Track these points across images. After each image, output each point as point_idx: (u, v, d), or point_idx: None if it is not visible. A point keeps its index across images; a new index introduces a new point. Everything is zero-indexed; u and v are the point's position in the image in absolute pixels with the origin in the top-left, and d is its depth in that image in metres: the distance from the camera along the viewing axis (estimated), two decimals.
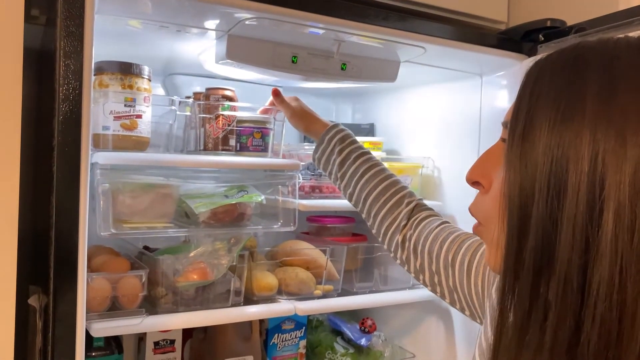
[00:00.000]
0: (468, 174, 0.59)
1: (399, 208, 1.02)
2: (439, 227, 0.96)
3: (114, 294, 1.07)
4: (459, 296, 0.89)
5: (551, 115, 0.47)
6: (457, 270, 0.88)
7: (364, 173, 1.06)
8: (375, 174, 1.06)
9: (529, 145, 0.48)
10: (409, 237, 0.99)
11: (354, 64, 1.18)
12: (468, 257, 0.87)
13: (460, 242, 0.90)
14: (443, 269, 0.91)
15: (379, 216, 1.03)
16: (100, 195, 1.04)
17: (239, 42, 1.06)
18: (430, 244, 0.94)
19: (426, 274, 0.95)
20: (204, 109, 1.21)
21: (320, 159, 1.14)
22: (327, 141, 1.12)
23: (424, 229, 0.97)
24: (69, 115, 0.81)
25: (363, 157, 1.08)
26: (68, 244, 0.83)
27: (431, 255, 0.93)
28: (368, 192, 1.05)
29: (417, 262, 0.97)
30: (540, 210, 0.46)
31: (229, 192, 1.23)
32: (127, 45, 1.20)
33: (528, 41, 1.23)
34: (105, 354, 1.22)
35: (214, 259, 1.17)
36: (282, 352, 1.47)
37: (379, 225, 1.04)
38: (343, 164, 1.09)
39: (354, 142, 1.12)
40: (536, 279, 0.47)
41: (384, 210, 1.02)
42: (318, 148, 1.15)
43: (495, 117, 1.34)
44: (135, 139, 1.09)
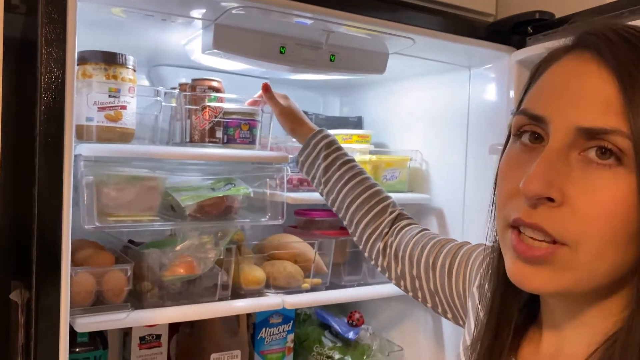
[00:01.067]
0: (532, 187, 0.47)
1: (382, 216, 1.02)
2: (420, 233, 0.97)
3: (99, 289, 1.05)
4: (440, 299, 0.88)
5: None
6: (438, 272, 0.88)
7: (348, 180, 1.07)
8: (360, 182, 1.06)
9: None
10: (390, 243, 0.99)
11: (342, 55, 1.17)
12: (449, 260, 0.87)
13: (441, 246, 0.91)
14: (424, 273, 0.91)
15: (362, 224, 1.04)
16: (84, 187, 1.02)
17: (226, 32, 1.04)
18: (411, 249, 0.95)
19: (407, 279, 0.95)
20: (190, 100, 1.19)
21: (304, 163, 1.15)
22: (313, 145, 1.13)
23: (405, 236, 0.98)
24: (52, 105, 0.79)
25: (348, 165, 1.09)
26: (51, 237, 0.81)
27: (412, 260, 0.94)
28: (352, 200, 1.05)
29: (398, 268, 0.97)
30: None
31: (216, 185, 1.21)
32: (110, 36, 1.17)
33: (517, 33, 1.23)
34: (90, 349, 1.20)
35: (201, 252, 1.16)
36: (270, 346, 1.46)
37: (360, 233, 1.05)
38: (327, 170, 1.09)
39: (340, 148, 1.12)
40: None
41: (367, 219, 1.03)
42: (303, 151, 1.15)
43: (483, 110, 1.34)
44: (119, 131, 1.06)
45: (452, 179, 1.41)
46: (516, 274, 0.51)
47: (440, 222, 1.45)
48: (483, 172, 1.32)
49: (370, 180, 1.08)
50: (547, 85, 0.51)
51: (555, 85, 0.50)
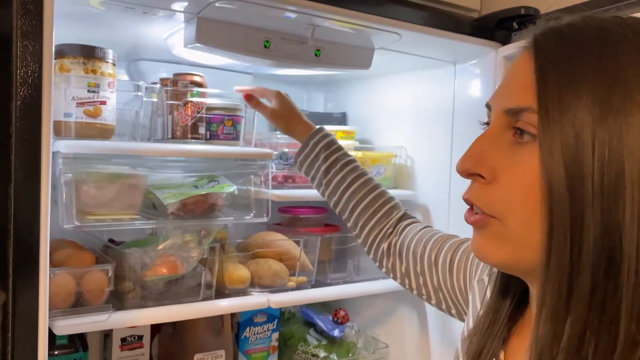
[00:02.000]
0: (462, 164, 0.54)
1: (387, 218, 1.02)
2: (422, 230, 0.97)
3: (79, 290, 1.01)
4: (444, 295, 0.89)
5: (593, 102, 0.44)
6: (440, 267, 0.88)
7: (351, 183, 1.05)
8: (363, 184, 1.05)
9: (571, 138, 0.44)
10: (394, 242, 0.99)
11: (328, 50, 1.15)
12: (450, 255, 0.88)
13: (443, 242, 0.91)
14: (427, 269, 0.91)
15: (367, 226, 1.03)
16: (63, 185, 0.99)
17: (209, 25, 1.02)
18: (414, 246, 0.95)
19: (412, 277, 0.95)
20: (172, 95, 1.16)
21: (303, 163, 1.12)
22: (312, 146, 1.10)
23: (408, 234, 0.98)
24: (28, 100, 0.76)
25: (350, 166, 1.07)
26: (29, 237, 0.78)
27: (415, 256, 0.94)
28: (356, 203, 1.04)
29: (403, 267, 0.97)
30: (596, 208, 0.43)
31: (199, 183, 1.18)
32: (87, 29, 1.13)
33: (502, 29, 1.23)
34: (69, 351, 1.17)
35: (184, 251, 1.13)
36: (254, 346, 1.44)
37: (366, 235, 1.04)
38: (329, 171, 1.07)
39: (340, 148, 1.10)
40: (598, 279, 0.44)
41: (373, 221, 1.02)
42: (301, 152, 1.12)
43: (468, 106, 1.34)
44: (99, 127, 1.03)
45: (437, 175, 1.41)
46: (471, 242, 0.56)
47: (425, 218, 1.44)
48: None
49: (374, 182, 1.06)
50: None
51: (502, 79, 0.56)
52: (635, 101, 0.43)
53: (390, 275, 1.01)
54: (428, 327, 1.44)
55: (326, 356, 1.47)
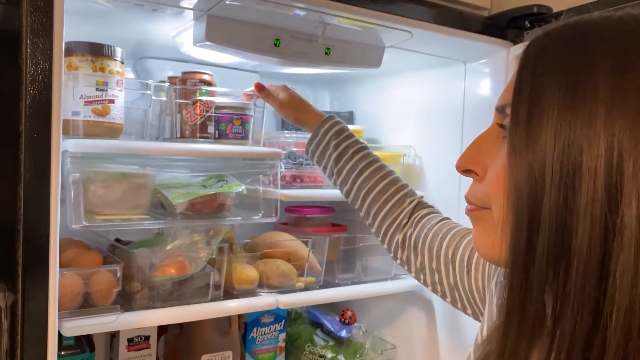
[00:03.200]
0: (458, 161, 0.56)
1: (400, 207, 0.98)
2: (439, 223, 0.94)
3: (86, 290, 1.00)
4: (460, 294, 0.86)
5: (560, 93, 0.44)
6: (457, 266, 0.86)
7: (362, 170, 1.02)
8: (375, 171, 1.02)
9: (535, 126, 0.44)
10: (409, 235, 0.96)
11: (338, 49, 1.14)
12: (468, 253, 0.85)
13: (460, 237, 0.88)
14: (443, 266, 0.89)
15: (380, 215, 1.00)
16: (71, 185, 0.97)
17: (219, 23, 1.01)
18: (430, 241, 0.92)
19: (427, 272, 0.92)
20: (181, 94, 1.15)
21: (315, 152, 1.10)
22: (322, 134, 1.08)
23: (424, 226, 0.94)
24: (38, 98, 0.75)
25: (361, 153, 1.04)
26: (38, 238, 0.77)
27: (431, 252, 0.91)
28: (367, 191, 1.01)
29: (418, 261, 0.94)
30: (553, 198, 0.43)
31: (207, 182, 1.17)
32: (95, 27, 1.12)
33: (514, 27, 1.21)
34: (76, 352, 1.16)
35: (192, 252, 1.12)
36: (262, 346, 1.43)
37: (379, 225, 1.01)
38: (339, 160, 1.05)
39: (350, 135, 1.07)
40: (550, 272, 0.43)
41: (385, 210, 0.99)
42: (312, 141, 1.10)
43: (479, 105, 1.32)
44: (107, 126, 1.02)
45: (447, 175, 1.39)
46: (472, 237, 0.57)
47: None
48: None
49: (386, 168, 1.04)
50: None
51: None
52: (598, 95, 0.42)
53: (405, 268, 0.98)
54: (437, 328, 1.43)
55: (333, 357, 1.46)
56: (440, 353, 1.42)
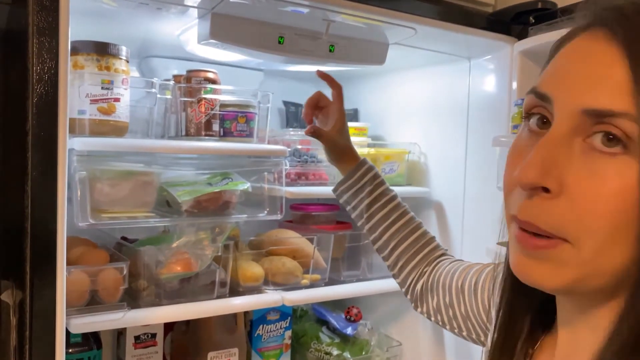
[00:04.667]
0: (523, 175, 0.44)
1: (426, 260, 1.00)
2: (453, 262, 0.95)
3: (93, 288, 1.01)
4: (472, 323, 0.86)
5: None
6: (467, 293, 0.86)
7: (394, 221, 1.03)
8: (406, 224, 1.02)
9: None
10: (426, 279, 0.97)
11: (342, 46, 1.14)
12: (475, 278, 0.85)
13: (469, 269, 0.89)
14: (455, 298, 0.89)
15: (407, 268, 1.01)
16: (77, 183, 0.98)
17: (224, 21, 1.01)
18: (443, 278, 0.93)
19: (442, 310, 0.92)
20: (186, 92, 1.15)
21: (344, 193, 1.08)
22: (357, 178, 1.06)
23: (439, 269, 0.96)
24: (45, 97, 0.75)
25: (393, 202, 1.05)
26: (46, 236, 0.77)
27: (444, 288, 0.92)
28: (397, 242, 1.01)
29: (434, 302, 0.94)
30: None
31: (213, 180, 1.18)
32: (100, 26, 1.12)
33: (518, 23, 1.21)
34: (84, 349, 1.17)
35: (198, 249, 1.13)
36: (267, 344, 1.43)
37: (405, 277, 1.02)
38: (371, 206, 1.05)
39: (383, 182, 1.07)
40: None
41: (413, 263, 1.00)
42: (344, 182, 1.08)
43: (483, 102, 1.32)
44: (113, 124, 1.03)
45: (452, 171, 1.39)
46: (517, 265, 0.48)
47: (439, 215, 1.43)
48: (484, 165, 1.31)
49: (416, 221, 1.04)
50: (557, 64, 0.48)
51: (564, 64, 0.47)
52: None
53: (425, 316, 0.98)
54: None
55: (339, 354, 1.46)
56: (446, 350, 1.42)
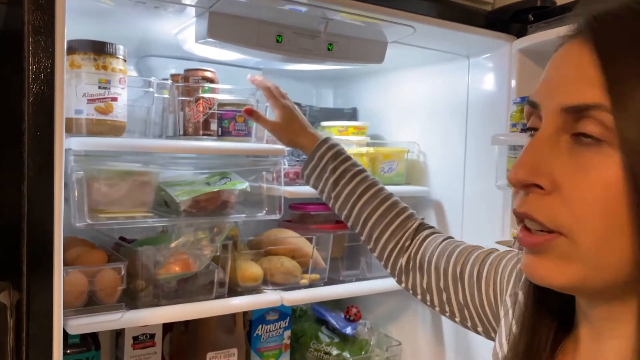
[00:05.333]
0: (514, 174, 0.47)
1: (402, 229, 0.95)
2: (444, 242, 0.90)
3: (91, 288, 1.01)
4: (470, 312, 0.82)
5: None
6: (467, 282, 0.82)
7: (361, 194, 0.99)
8: (374, 194, 0.98)
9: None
10: (413, 256, 0.93)
11: (340, 44, 1.14)
12: (477, 268, 0.81)
13: (467, 254, 0.85)
14: (452, 284, 0.85)
15: (382, 240, 0.96)
16: (74, 183, 0.97)
17: (222, 20, 1.00)
18: (436, 260, 0.88)
19: (434, 292, 0.88)
20: (183, 91, 1.15)
21: (310, 177, 1.05)
22: (318, 158, 1.03)
23: (429, 246, 0.91)
24: (41, 96, 0.75)
25: (359, 176, 1.01)
26: (42, 236, 0.77)
27: (438, 270, 0.88)
28: (368, 215, 0.97)
29: (424, 282, 0.90)
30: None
31: (211, 180, 1.17)
32: (97, 25, 1.12)
33: (517, 22, 1.21)
34: (82, 350, 1.16)
35: (197, 249, 1.12)
36: (267, 344, 1.43)
37: (381, 249, 0.97)
38: (337, 184, 1.01)
39: (348, 158, 1.03)
40: None
41: (388, 233, 0.96)
42: (308, 165, 1.05)
43: (483, 100, 1.32)
44: (110, 124, 1.02)
45: (451, 170, 1.39)
46: (524, 265, 0.49)
47: (439, 215, 1.43)
48: (483, 164, 1.30)
49: (385, 191, 1.00)
50: (544, 73, 0.51)
51: (547, 72, 0.50)
52: None
53: (410, 292, 0.94)
54: (442, 324, 1.43)
55: (339, 354, 1.46)
56: (446, 349, 1.42)
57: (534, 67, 1.21)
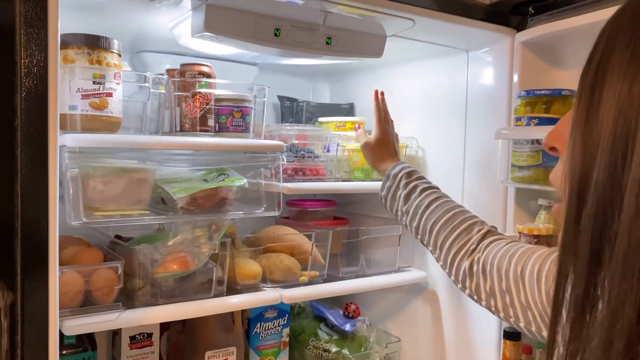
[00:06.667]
0: (545, 138, 0.53)
1: (468, 235, 0.95)
2: (508, 244, 0.89)
3: (87, 288, 0.98)
4: (533, 313, 0.81)
5: (624, 59, 0.40)
6: (527, 281, 0.81)
7: (429, 204, 1.01)
8: (442, 204, 1.00)
9: (597, 98, 0.41)
10: (477, 260, 0.92)
11: (339, 38, 1.12)
12: (537, 266, 0.80)
13: (530, 253, 0.83)
14: (513, 284, 0.83)
15: (446, 245, 0.96)
16: (69, 181, 0.95)
17: (218, 13, 0.98)
18: (498, 262, 0.87)
19: (497, 296, 0.87)
20: (180, 86, 1.13)
21: (387, 197, 1.11)
22: (393, 177, 1.10)
23: (492, 249, 0.90)
24: (34, 91, 0.72)
25: (429, 190, 1.04)
26: (37, 235, 0.75)
27: (500, 272, 0.86)
28: (434, 222, 0.99)
29: (487, 285, 0.89)
30: (602, 171, 0.40)
31: (208, 176, 1.15)
32: (90, 19, 1.10)
33: (517, 14, 1.19)
34: (78, 351, 1.14)
35: (195, 247, 1.10)
36: (265, 342, 1.41)
37: (445, 255, 0.97)
38: (408, 198, 1.05)
39: (421, 177, 1.08)
40: (594, 252, 0.40)
41: (451, 238, 0.96)
42: (384, 185, 1.12)
43: (482, 94, 1.30)
44: (105, 120, 1.00)
45: (450, 165, 1.38)
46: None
47: None
48: (483, 159, 1.29)
49: (454, 202, 1.02)
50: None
51: None
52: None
53: (474, 298, 0.93)
54: (442, 321, 1.42)
55: (338, 351, 1.44)
56: (446, 346, 1.41)
57: (537, 60, 1.19)
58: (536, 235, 1.06)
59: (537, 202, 1.18)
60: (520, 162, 1.12)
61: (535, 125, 1.07)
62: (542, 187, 1.08)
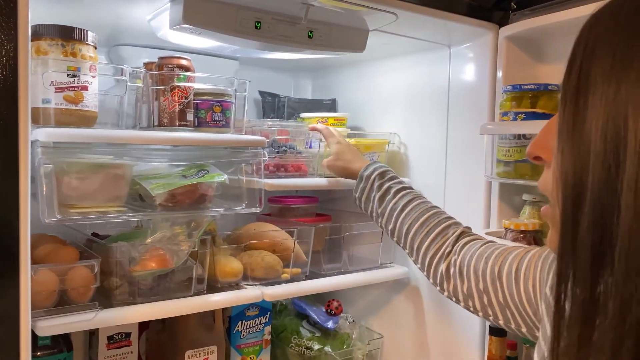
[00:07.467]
0: (528, 148, 0.53)
1: (443, 237, 0.96)
2: (484, 245, 0.90)
3: (62, 287, 0.96)
4: (511, 311, 0.82)
5: (606, 63, 0.40)
6: (505, 280, 0.82)
7: (404, 207, 1.02)
8: (416, 206, 1.01)
9: (582, 104, 0.41)
10: (454, 262, 0.93)
11: (321, 32, 1.10)
12: (515, 265, 0.81)
13: (506, 254, 0.85)
14: (491, 285, 0.85)
15: (422, 248, 0.97)
16: (43, 177, 0.92)
17: (197, 4, 0.96)
18: (475, 263, 0.88)
19: (475, 297, 0.88)
20: (158, 80, 1.10)
21: (361, 199, 1.11)
22: (366, 179, 1.10)
23: (468, 251, 0.91)
24: (3, 82, 0.69)
25: (403, 192, 1.04)
26: (7, 233, 0.71)
27: (477, 273, 0.87)
28: (409, 226, 1.00)
29: (465, 286, 0.90)
30: (596, 175, 0.40)
31: (188, 172, 1.13)
32: (65, 11, 1.06)
33: (500, 9, 1.19)
34: (53, 352, 1.11)
35: (174, 244, 1.08)
36: (247, 340, 1.39)
37: (422, 258, 0.98)
38: (382, 200, 1.05)
39: (394, 177, 1.08)
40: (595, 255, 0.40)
41: (427, 242, 0.97)
42: (357, 187, 1.12)
43: (464, 90, 1.30)
44: (80, 114, 0.97)
45: (433, 161, 1.37)
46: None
47: None
48: (465, 154, 1.29)
49: (429, 204, 1.02)
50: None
51: None
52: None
53: (453, 299, 0.94)
54: (424, 317, 1.41)
55: (320, 348, 1.43)
56: (429, 342, 1.41)
57: (521, 55, 1.19)
58: (523, 231, 1.06)
59: (521, 197, 1.18)
60: (506, 157, 1.12)
61: (522, 120, 1.07)
62: (527, 182, 1.08)
